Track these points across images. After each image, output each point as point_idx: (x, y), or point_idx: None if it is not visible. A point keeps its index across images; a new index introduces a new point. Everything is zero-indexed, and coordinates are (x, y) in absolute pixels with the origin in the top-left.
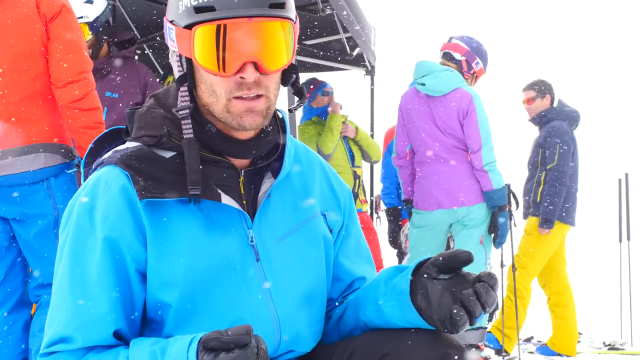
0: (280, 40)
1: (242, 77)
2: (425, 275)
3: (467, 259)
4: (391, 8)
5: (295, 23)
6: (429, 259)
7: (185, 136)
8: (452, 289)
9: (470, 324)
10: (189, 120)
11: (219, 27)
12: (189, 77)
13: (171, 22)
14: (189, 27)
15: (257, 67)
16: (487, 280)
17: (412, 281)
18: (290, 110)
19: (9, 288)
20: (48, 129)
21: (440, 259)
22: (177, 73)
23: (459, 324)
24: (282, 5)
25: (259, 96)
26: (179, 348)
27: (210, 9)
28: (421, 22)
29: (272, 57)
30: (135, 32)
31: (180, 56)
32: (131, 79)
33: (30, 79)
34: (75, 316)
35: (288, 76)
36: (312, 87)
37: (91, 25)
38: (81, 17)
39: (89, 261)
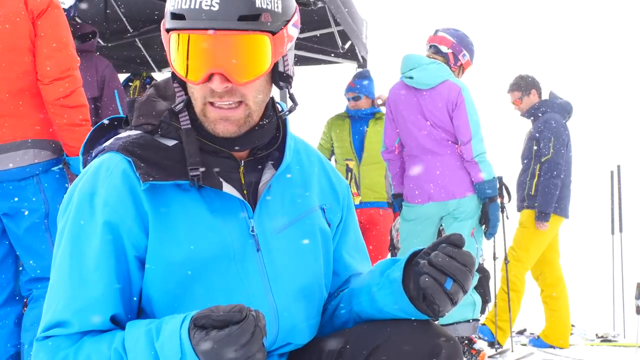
0: (249, 53)
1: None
2: (416, 265)
3: (458, 241)
4: (383, 1)
5: (276, 34)
6: (423, 249)
7: (182, 126)
8: None
9: (452, 301)
10: (185, 112)
11: (186, 36)
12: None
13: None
14: (167, 31)
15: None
16: (441, 250)
17: (405, 271)
18: (280, 116)
19: (0, 282)
20: (37, 125)
21: (432, 244)
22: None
23: (429, 293)
24: (255, 18)
25: (239, 103)
26: (172, 326)
27: (182, 17)
28: (413, 15)
29: (240, 69)
30: (127, 25)
31: None
32: (87, 73)
33: (18, 75)
34: (73, 301)
35: (277, 81)
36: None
37: (67, 12)
38: (61, 3)
39: (88, 246)
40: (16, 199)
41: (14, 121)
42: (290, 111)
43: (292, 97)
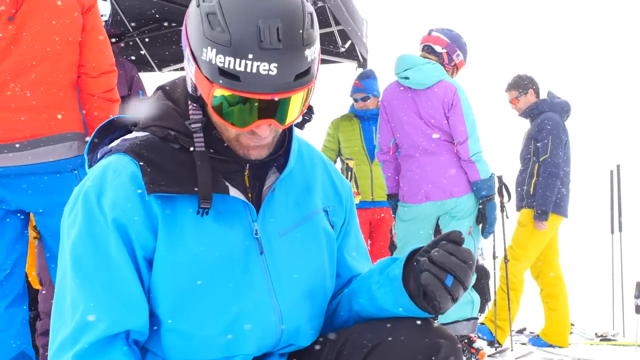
0: (299, 102)
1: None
2: (416, 262)
3: (457, 238)
4: (383, 0)
5: (316, 78)
6: (422, 247)
7: (197, 148)
8: None
9: (453, 298)
10: (201, 134)
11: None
12: (203, 99)
13: (192, 52)
14: (211, 82)
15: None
16: (441, 247)
17: (405, 269)
18: (297, 126)
19: (12, 282)
20: (78, 117)
21: (432, 242)
22: (190, 88)
23: (430, 290)
24: (307, 72)
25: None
26: None
27: (236, 78)
28: (413, 14)
29: (289, 117)
30: (127, 25)
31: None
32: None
33: (69, 67)
34: (106, 297)
35: None
36: (352, 85)
37: (106, 24)
38: (103, 15)
39: (105, 247)
40: (56, 193)
41: (62, 112)
42: (309, 120)
43: (310, 108)
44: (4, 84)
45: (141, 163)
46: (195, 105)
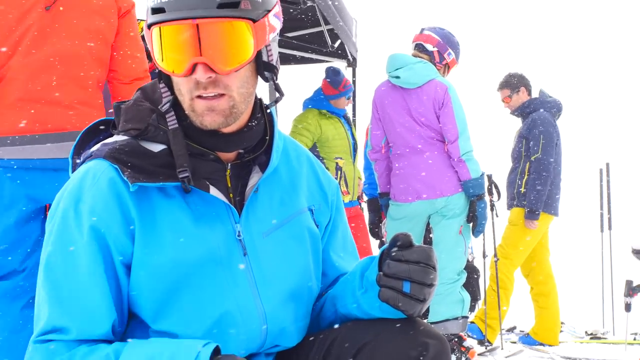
0: (231, 40)
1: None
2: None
3: (404, 241)
4: (373, 0)
5: (257, 22)
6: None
7: (170, 127)
8: None
9: (420, 300)
10: (172, 112)
11: (168, 28)
12: (164, 74)
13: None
14: (149, 27)
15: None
16: (389, 258)
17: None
18: (267, 107)
19: (30, 283)
20: (101, 117)
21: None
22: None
23: (392, 304)
24: (234, 5)
25: (221, 95)
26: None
27: (162, 10)
28: (403, 13)
29: (223, 57)
30: None
31: None
32: None
33: (98, 66)
34: (70, 307)
35: (262, 72)
36: (342, 85)
37: None
38: None
39: (78, 253)
40: None
41: (89, 111)
42: (276, 101)
43: (277, 88)
44: (36, 75)
45: (120, 166)
46: (161, 85)
